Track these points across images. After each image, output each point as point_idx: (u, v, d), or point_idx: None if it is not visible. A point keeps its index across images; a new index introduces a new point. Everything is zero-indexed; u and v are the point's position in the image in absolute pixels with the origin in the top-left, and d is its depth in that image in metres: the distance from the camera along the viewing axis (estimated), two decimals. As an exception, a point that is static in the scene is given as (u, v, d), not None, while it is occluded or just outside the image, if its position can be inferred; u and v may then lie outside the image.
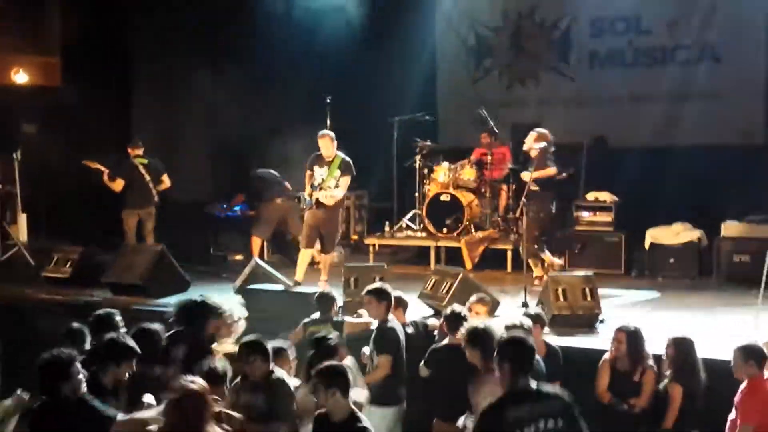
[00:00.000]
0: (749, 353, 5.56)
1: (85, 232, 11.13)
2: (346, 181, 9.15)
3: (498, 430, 4.21)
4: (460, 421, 5.67)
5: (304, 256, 9.21)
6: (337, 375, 4.82)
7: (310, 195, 8.99)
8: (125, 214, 10.65)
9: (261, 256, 10.36)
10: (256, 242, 10.69)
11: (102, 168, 10.45)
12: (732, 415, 5.57)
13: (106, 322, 5.96)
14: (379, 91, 12.56)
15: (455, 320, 6.19)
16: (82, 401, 4.73)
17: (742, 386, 5.55)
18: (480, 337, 5.50)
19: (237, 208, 12.18)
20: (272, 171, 11.04)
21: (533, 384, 4.38)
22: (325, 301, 7.31)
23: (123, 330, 5.82)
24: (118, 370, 5.15)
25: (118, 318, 6.08)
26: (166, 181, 10.78)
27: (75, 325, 5.97)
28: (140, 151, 10.77)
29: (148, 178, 10.64)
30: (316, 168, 9.14)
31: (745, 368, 5.54)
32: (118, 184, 10.53)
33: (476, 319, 6.25)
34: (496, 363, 4.43)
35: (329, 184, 9.02)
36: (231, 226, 11.91)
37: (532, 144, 9.40)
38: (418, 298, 8.42)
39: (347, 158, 9.18)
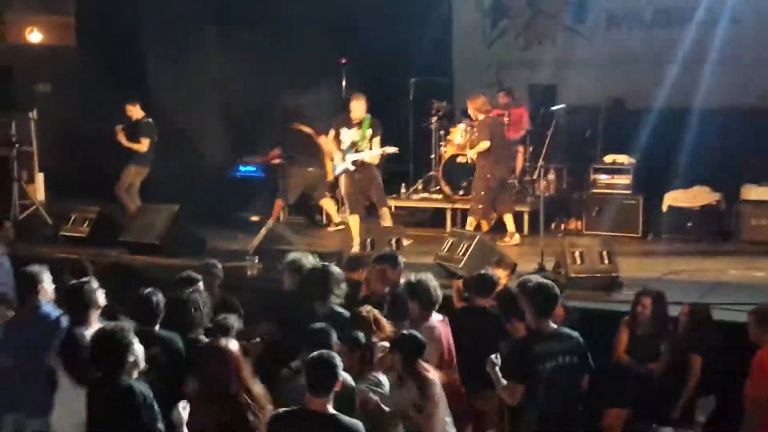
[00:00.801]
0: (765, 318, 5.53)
1: (101, 191, 11.17)
2: (378, 140, 9.22)
3: (527, 360, 4.86)
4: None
5: (355, 221, 9.28)
6: None
7: (343, 159, 8.95)
8: (139, 171, 10.75)
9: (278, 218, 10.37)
10: (278, 205, 10.66)
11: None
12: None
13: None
14: (394, 53, 12.46)
15: (485, 283, 6.17)
16: None
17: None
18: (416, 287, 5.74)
19: (253, 168, 12.12)
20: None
21: (553, 325, 5.01)
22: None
23: None
24: None
25: None
26: None
27: None
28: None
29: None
30: (343, 130, 9.10)
31: (758, 333, 5.51)
32: (145, 144, 10.67)
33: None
34: (524, 304, 5.00)
35: (364, 145, 8.99)
36: (249, 186, 11.88)
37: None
38: (434, 260, 8.42)
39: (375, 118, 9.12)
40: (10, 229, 8.48)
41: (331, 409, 4.24)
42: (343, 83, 12.70)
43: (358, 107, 9.17)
